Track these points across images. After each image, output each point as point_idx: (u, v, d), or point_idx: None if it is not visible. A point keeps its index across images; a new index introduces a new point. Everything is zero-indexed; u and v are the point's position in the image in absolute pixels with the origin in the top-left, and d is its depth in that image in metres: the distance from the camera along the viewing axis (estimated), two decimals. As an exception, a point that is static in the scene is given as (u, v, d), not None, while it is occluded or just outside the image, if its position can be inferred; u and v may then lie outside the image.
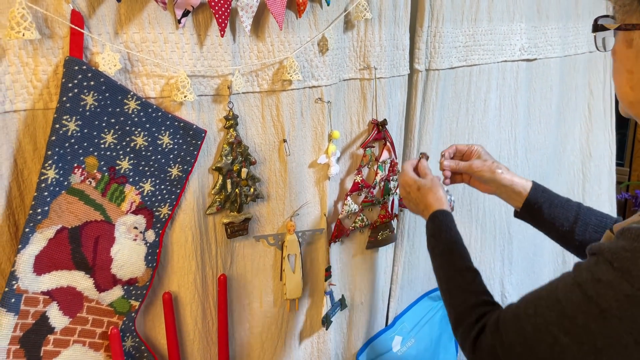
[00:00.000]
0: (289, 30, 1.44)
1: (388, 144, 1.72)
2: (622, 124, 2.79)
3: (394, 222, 1.85)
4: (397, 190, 1.79)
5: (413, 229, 1.95)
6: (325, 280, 1.68)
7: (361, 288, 1.86)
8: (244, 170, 1.44)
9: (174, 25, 1.27)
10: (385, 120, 1.70)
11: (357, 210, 1.71)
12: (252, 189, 1.48)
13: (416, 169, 1.51)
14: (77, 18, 1.13)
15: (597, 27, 0.95)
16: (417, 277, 2.05)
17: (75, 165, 1.19)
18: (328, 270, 1.69)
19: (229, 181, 1.43)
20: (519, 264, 2.34)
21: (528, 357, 0.88)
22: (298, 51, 1.46)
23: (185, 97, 1.26)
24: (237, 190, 1.45)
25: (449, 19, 1.79)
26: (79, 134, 1.17)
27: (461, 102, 1.96)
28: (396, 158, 1.76)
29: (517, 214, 1.45)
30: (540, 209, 1.36)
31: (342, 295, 1.79)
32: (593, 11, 2.32)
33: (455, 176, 1.55)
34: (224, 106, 1.40)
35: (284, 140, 1.52)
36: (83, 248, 1.23)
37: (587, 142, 2.54)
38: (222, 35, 1.28)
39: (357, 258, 1.82)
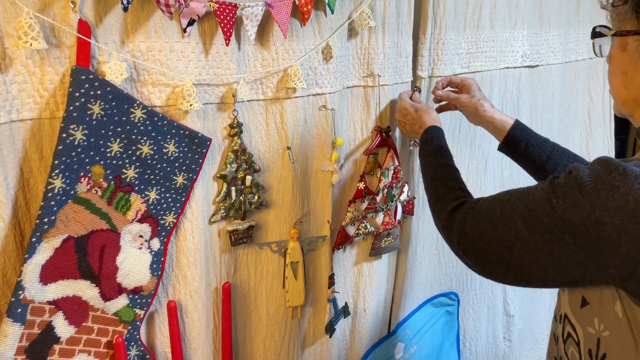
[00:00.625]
0: (294, 39, 1.45)
1: (392, 150, 1.72)
2: (623, 129, 2.80)
3: (397, 229, 1.85)
4: (401, 197, 1.80)
5: (416, 236, 1.95)
6: (329, 288, 1.68)
7: (364, 295, 1.86)
8: (249, 178, 1.44)
9: (179, 34, 1.27)
10: (389, 127, 1.71)
11: (360, 217, 1.72)
12: (256, 197, 1.48)
13: (411, 99, 1.67)
14: (84, 27, 1.14)
15: (595, 34, 1.06)
16: (420, 283, 2.05)
17: (82, 174, 1.19)
18: (331, 277, 1.69)
19: (233, 189, 1.43)
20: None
21: (488, 233, 1.00)
22: (302, 59, 1.46)
23: (191, 105, 1.27)
24: (241, 197, 1.45)
25: (451, 26, 1.79)
26: (85, 143, 1.17)
27: (463, 109, 1.96)
28: (400, 165, 1.76)
29: (499, 148, 1.59)
30: (518, 145, 1.51)
31: (346, 303, 1.79)
32: (593, 18, 2.33)
33: (447, 104, 1.71)
34: (229, 114, 1.40)
35: (288, 148, 1.52)
36: (89, 257, 1.23)
37: (587, 148, 2.55)
38: (227, 44, 1.28)
39: (360, 265, 1.83)
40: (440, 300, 2.14)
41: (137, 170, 1.27)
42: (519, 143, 1.51)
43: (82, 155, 1.18)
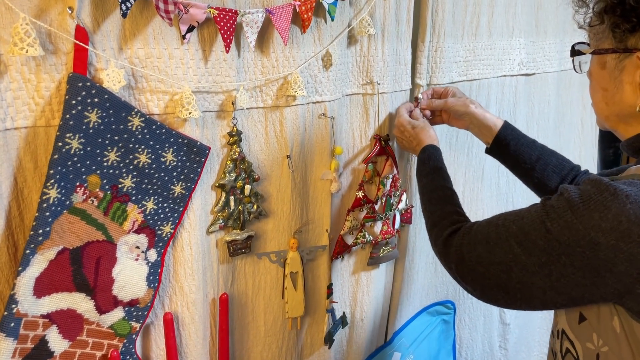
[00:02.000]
0: (294, 46, 1.41)
1: (390, 159, 1.69)
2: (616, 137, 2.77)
3: (396, 238, 1.82)
4: (399, 205, 1.76)
5: (413, 244, 1.92)
6: (327, 298, 1.64)
7: (362, 305, 1.83)
8: (248, 187, 1.40)
9: (178, 40, 1.23)
10: (387, 135, 1.68)
11: (358, 226, 1.68)
12: (255, 206, 1.44)
13: (410, 115, 1.65)
14: (81, 34, 1.10)
15: (574, 52, 1.10)
16: (416, 292, 2.02)
17: (78, 184, 1.15)
18: (330, 287, 1.65)
19: (232, 198, 1.39)
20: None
21: (486, 258, 0.99)
22: (302, 67, 1.43)
23: (190, 113, 1.23)
24: (240, 207, 1.41)
25: (449, 34, 1.76)
26: (81, 152, 1.13)
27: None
28: (398, 173, 1.73)
29: (487, 150, 1.58)
30: (507, 146, 1.50)
31: (344, 313, 1.76)
32: (589, 26, 2.30)
33: (435, 118, 1.68)
34: (228, 122, 1.36)
35: (288, 156, 1.48)
36: (84, 269, 1.18)
37: (580, 156, 2.53)
38: (227, 51, 1.25)
39: (358, 274, 1.79)
40: (436, 309, 2.11)
41: (135, 179, 1.23)
42: (509, 143, 1.50)
43: (78, 165, 1.14)
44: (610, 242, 0.83)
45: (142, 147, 1.21)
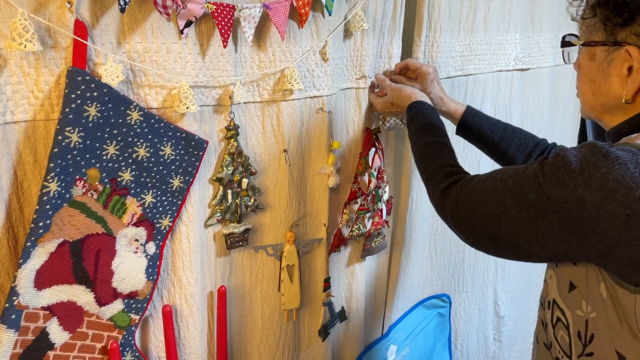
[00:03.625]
0: (291, 40, 1.42)
1: (379, 151, 1.70)
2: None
3: (385, 229, 1.83)
4: (383, 197, 1.77)
5: (408, 238, 1.93)
6: (324, 291, 1.66)
7: (357, 296, 1.84)
8: (245, 181, 1.41)
9: (176, 35, 1.24)
10: (378, 128, 1.68)
11: (354, 218, 1.70)
12: (252, 200, 1.45)
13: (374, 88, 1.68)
14: (80, 28, 1.10)
15: (565, 43, 1.13)
16: (412, 285, 2.03)
17: (77, 177, 1.16)
18: (327, 281, 1.67)
19: (229, 192, 1.40)
20: (512, 272, 2.33)
21: (479, 210, 1.01)
22: (299, 60, 1.44)
23: (187, 108, 1.24)
24: (237, 200, 1.42)
25: (446, 29, 1.77)
26: (81, 146, 1.14)
27: (457, 111, 1.95)
28: (383, 165, 1.74)
29: (455, 132, 1.61)
30: (470, 131, 1.57)
31: (342, 307, 1.77)
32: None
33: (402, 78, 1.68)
34: (225, 116, 1.37)
35: (285, 151, 1.49)
36: (84, 262, 1.19)
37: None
38: (224, 46, 1.25)
39: (353, 266, 1.80)
40: (432, 302, 2.12)
41: (134, 173, 1.24)
42: (471, 128, 1.56)
43: (78, 158, 1.15)
44: (595, 199, 0.85)
45: (141, 140, 1.22)
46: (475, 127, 1.55)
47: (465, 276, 2.17)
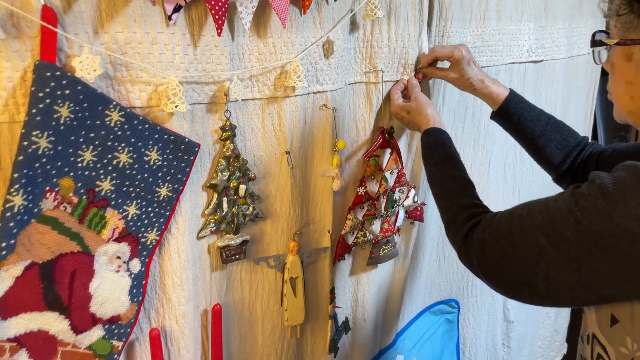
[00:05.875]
0: (293, 30, 1.22)
1: (395, 153, 1.51)
2: (622, 126, 2.61)
3: (396, 237, 1.64)
4: (405, 202, 1.59)
5: (416, 241, 1.75)
6: (330, 303, 1.47)
7: (363, 305, 1.66)
8: (242, 187, 1.22)
9: (163, 23, 1.04)
10: (392, 127, 1.49)
11: (359, 224, 1.51)
12: (250, 208, 1.26)
13: (405, 91, 1.50)
14: (49, 14, 0.90)
15: (595, 43, 0.99)
16: (419, 291, 1.86)
17: (48, 188, 0.96)
18: (332, 291, 1.48)
19: (225, 199, 1.21)
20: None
21: (510, 253, 0.90)
22: (303, 53, 1.24)
23: (176, 107, 1.04)
24: (234, 209, 1.23)
25: (457, 18, 1.58)
26: (51, 152, 0.94)
27: (468, 106, 1.77)
28: (403, 167, 1.55)
29: (491, 116, 1.46)
30: (510, 120, 1.39)
31: (346, 318, 1.58)
32: (596, 12, 2.12)
33: (434, 72, 1.51)
34: (220, 115, 1.18)
35: (287, 152, 1.30)
36: (57, 285, 1.00)
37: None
38: (219, 34, 1.06)
39: (358, 275, 1.62)
40: (440, 308, 1.95)
41: (114, 182, 1.04)
42: (511, 116, 1.38)
43: (48, 167, 0.95)
44: None
45: (122, 145, 1.03)
46: (517, 115, 1.37)
47: (475, 280, 1.99)
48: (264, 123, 1.26)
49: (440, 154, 1.23)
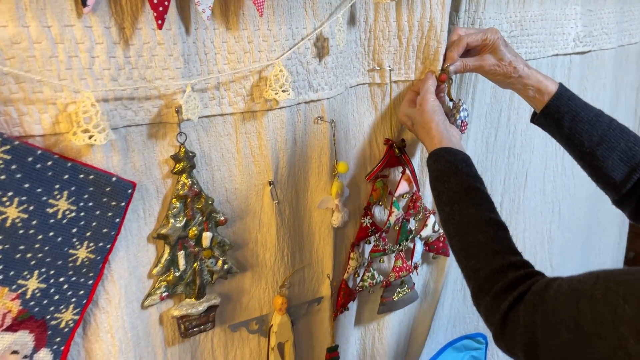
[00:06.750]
0: (275, 19, 0.85)
1: (407, 171, 1.14)
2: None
3: (414, 275, 1.27)
4: (423, 232, 1.22)
5: (434, 271, 1.38)
6: (330, 367, 1.12)
7: (373, 357, 1.30)
8: (207, 236, 0.86)
9: (73, 11, 0.68)
10: (403, 140, 1.12)
11: (365, 264, 1.15)
12: (219, 262, 0.90)
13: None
14: None
15: None
16: (440, 324, 1.51)
17: None
18: (333, 350, 1.12)
19: (181, 254, 0.85)
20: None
21: (577, 348, 0.62)
22: (291, 52, 0.87)
23: (91, 137, 0.67)
24: (195, 265, 0.87)
25: (491, 1, 1.20)
26: None
27: (502, 109, 1.39)
28: (419, 189, 1.18)
29: (534, 119, 1.07)
30: (561, 121, 1.00)
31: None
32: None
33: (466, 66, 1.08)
34: (172, 140, 0.81)
35: (270, 183, 0.94)
36: None
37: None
38: (159, 27, 0.69)
39: (366, 325, 1.26)
40: (464, 344, 1.61)
41: (0, 247, 0.68)
42: (563, 117, 0.99)
43: None
44: None
45: (10, 194, 0.66)
46: (570, 115, 0.99)
47: (506, 312, 1.63)
48: (239, 146, 0.89)
49: (454, 188, 0.89)
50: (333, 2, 0.92)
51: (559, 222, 1.70)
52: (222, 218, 0.88)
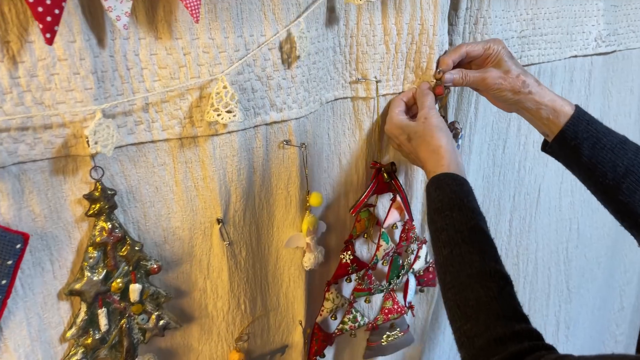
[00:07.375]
0: (220, 24, 0.68)
1: (398, 198, 0.96)
2: None
3: (408, 316, 1.09)
4: (415, 265, 1.04)
5: (437, 295, 1.21)
6: None
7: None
8: (135, 288, 0.70)
9: None
10: (393, 164, 0.93)
11: (346, 304, 0.97)
12: (153, 317, 0.73)
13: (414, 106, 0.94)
14: None
15: None
16: (442, 353, 1.35)
17: None
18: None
19: (101, 312, 0.69)
20: (579, 327, 1.61)
21: None
22: (240, 64, 0.70)
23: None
24: (122, 323, 0.70)
25: (498, -3, 1.02)
26: None
27: (511, 118, 1.21)
28: (412, 219, 1.00)
29: (545, 148, 0.91)
30: (579, 149, 0.83)
31: None
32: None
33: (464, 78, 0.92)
34: (85, 176, 0.65)
35: (219, 221, 0.77)
36: None
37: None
38: (47, 42, 0.53)
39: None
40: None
41: None
42: (582, 144, 0.83)
43: None
44: None
45: None
46: (590, 142, 0.82)
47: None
48: (178, 178, 0.73)
49: (456, 226, 0.74)
50: (302, 2, 0.74)
51: (577, 241, 1.51)
52: (154, 266, 0.71)
